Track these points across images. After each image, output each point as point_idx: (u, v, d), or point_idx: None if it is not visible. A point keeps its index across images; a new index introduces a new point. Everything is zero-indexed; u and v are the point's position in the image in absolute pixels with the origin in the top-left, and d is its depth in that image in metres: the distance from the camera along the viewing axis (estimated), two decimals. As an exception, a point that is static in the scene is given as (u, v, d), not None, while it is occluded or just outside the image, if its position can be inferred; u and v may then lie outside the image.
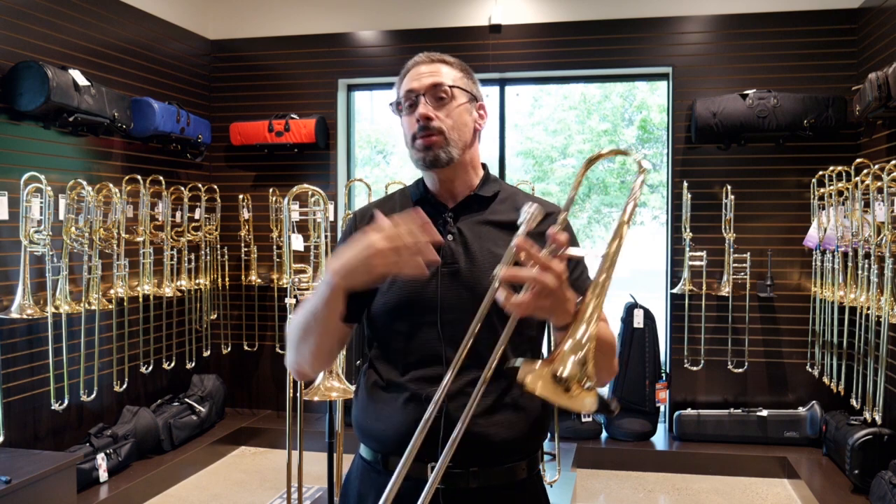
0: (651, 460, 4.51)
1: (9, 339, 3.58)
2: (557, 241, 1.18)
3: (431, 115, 1.42)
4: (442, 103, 1.44)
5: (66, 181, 3.81)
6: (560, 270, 1.15)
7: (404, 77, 1.49)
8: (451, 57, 1.50)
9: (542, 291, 1.14)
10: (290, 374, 1.48)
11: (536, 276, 1.14)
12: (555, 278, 1.14)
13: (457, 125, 1.44)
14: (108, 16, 4.32)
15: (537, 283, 1.14)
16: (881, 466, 3.50)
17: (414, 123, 1.43)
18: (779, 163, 4.67)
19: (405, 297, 1.41)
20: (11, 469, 3.13)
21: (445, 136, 1.42)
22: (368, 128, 7.39)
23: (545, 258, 1.15)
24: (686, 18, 4.77)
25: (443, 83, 1.44)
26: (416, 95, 1.43)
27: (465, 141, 1.46)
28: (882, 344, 3.53)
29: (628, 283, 5.70)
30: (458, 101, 1.45)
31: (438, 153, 1.42)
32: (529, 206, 1.25)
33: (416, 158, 1.45)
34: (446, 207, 1.48)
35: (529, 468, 1.44)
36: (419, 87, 1.44)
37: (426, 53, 1.49)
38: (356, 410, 1.50)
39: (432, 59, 1.47)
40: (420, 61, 1.47)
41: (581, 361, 1.09)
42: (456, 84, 1.45)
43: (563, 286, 1.16)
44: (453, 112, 1.44)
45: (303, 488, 3.22)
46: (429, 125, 1.42)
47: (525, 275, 1.14)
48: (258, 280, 5.17)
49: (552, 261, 1.15)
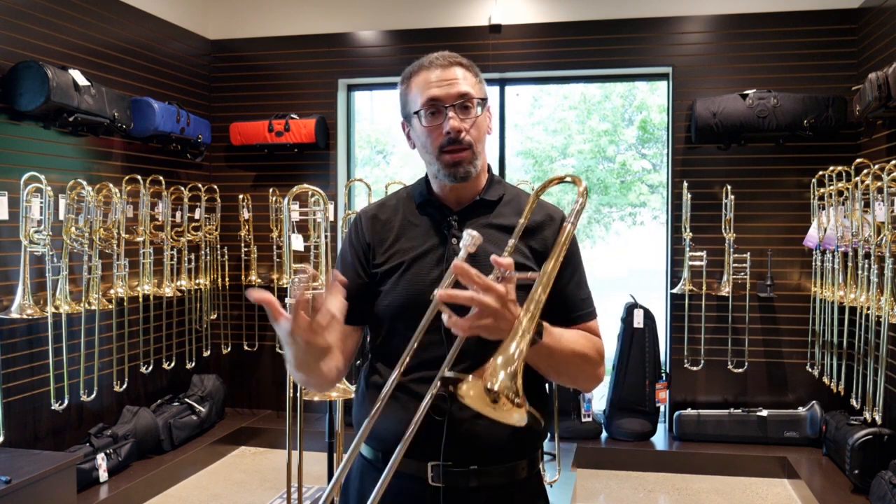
0: (651, 460, 4.51)
1: (9, 339, 3.57)
2: (501, 265, 1.19)
3: (463, 128, 1.40)
4: (467, 113, 1.41)
5: (66, 181, 3.81)
6: (502, 292, 1.16)
7: (414, 79, 1.44)
8: (463, 58, 1.47)
9: (483, 312, 1.16)
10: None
11: (474, 297, 1.15)
12: (495, 299, 1.15)
13: (481, 136, 1.44)
14: (108, 16, 4.32)
15: (475, 303, 1.15)
16: (881, 466, 3.50)
17: (440, 135, 1.40)
18: (779, 163, 4.67)
19: (409, 298, 1.41)
20: (11, 469, 3.13)
21: (473, 149, 1.42)
22: (368, 128, 7.39)
23: (484, 280, 1.16)
24: (686, 18, 4.77)
25: (470, 94, 1.41)
26: (444, 105, 1.40)
27: (485, 150, 1.46)
28: (882, 344, 3.53)
29: (628, 283, 5.70)
30: (480, 111, 1.43)
31: (469, 169, 1.41)
32: (469, 232, 1.24)
33: (444, 172, 1.42)
34: (451, 210, 1.47)
35: (529, 467, 1.45)
36: (445, 98, 1.40)
37: (442, 54, 1.44)
38: (357, 409, 1.50)
39: (450, 63, 1.43)
40: (438, 64, 1.43)
41: (511, 375, 1.11)
42: (477, 93, 1.43)
43: (506, 306, 1.17)
44: (478, 123, 1.43)
45: (303, 488, 3.22)
46: (459, 139, 1.40)
47: (461, 295, 1.16)
48: (258, 280, 5.17)
49: (493, 283, 1.16)
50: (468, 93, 1.41)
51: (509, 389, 1.10)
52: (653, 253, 5.60)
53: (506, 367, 1.11)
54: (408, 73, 1.47)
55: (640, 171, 8.23)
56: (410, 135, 1.49)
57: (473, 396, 1.12)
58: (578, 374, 1.40)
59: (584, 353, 1.38)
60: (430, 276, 1.41)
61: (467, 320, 1.17)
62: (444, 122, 1.40)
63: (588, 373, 1.41)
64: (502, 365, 1.12)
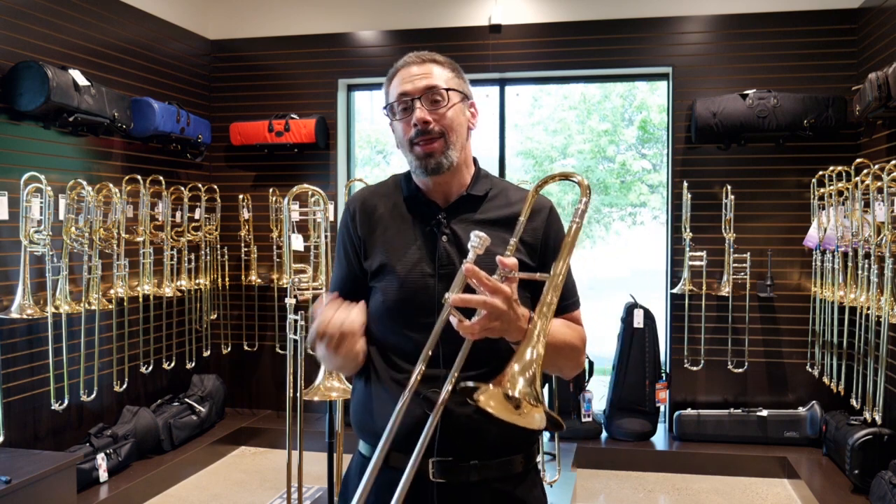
0: (651, 460, 4.51)
1: (9, 339, 3.57)
2: (506, 266, 1.23)
3: (430, 119, 1.41)
4: (438, 105, 1.43)
5: (66, 181, 3.81)
6: (508, 293, 1.20)
7: (393, 78, 1.47)
8: (441, 56, 1.49)
9: (492, 314, 1.20)
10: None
11: (486, 300, 1.19)
12: (503, 301, 1.20)
13: (454, 127, 1.44)
14: (108, 16, 4.32)
15: (486, 306, 1.19)
16: (881, 466, 3.49)
17: (410, 128, 1.42)
18: (779, 163, 4.67)
19: (402, 297, 1.42)
20: (11, 469, 3.13)
21: (446, 139, 1.42)
22: (368, 128, 7.38)
23: (493, 282, 1.20)
24: (686, 18, 4.77)
25: (437, 85, 1.43)
26: (411, 99, 1.42)
27: (461, 142, 1.46)
28: (882, 344, 3.53)
29: (628, 283, 5.70)
30: (453, 102, 1.44)
31: (441, 160, 1.42)
32: (477, 233, 1.26)
33: (416, 165, 1.44)
34: (439, 207, 1.48)
35: (526, 462, 1.46)
36: (413, 91, 1.42)
37: (416, 53, 1.47)
38: (355, 407, 1.51)
39: (423, 60, 1.46)
40: (411, 62, 1.46)
41: (530, 381, 1.15)
42: (450, 85, 1.44)
43: (512, 307, 1.21)
44: (449, 114, 1.43)
45: (303, 488, 3.22)
46: (428, 129, 1.41)
47: (475, 300, 1.20)
48: (258, 280, 5.17)
49: (501, 284, 1.20)
50: (436, 86, 1.43)
51: (529, 395, 1.14)
52: (653, 253, 5.60)
53: (524, 373, 1.15)
54: (389, 73, 1.50)
55: (640, 171, 8.23)
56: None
57: (495, 406, 1.17)
58: (565, 363, 1.45)
59: (572, 344, 1.43)
60: (422, 275, 1.42)
61: (477, 324, 1.20)
62: (412, 116, 1.42)
63: (574, 361, 1.46)
64: (520, 371, 1.15)
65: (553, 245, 1.46)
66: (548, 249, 1.46)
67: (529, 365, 1.16)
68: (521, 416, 1.18)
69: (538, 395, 1.14)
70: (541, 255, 1.46)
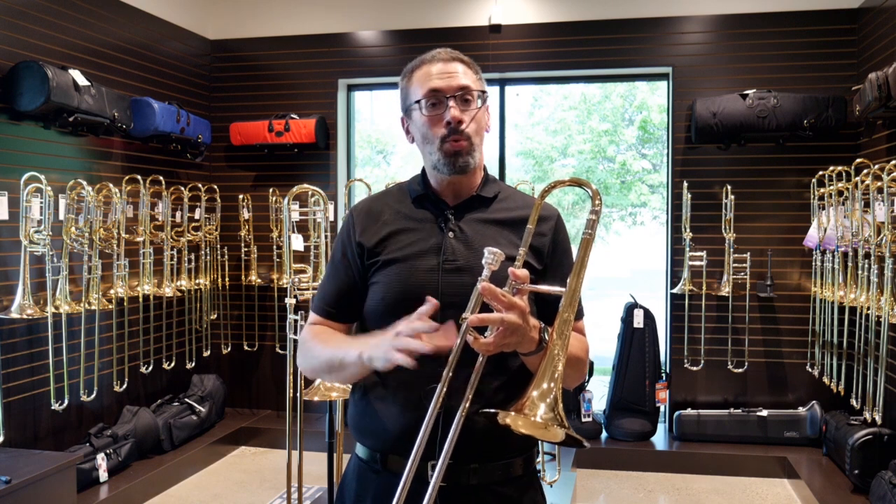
0: (651, 460, 4.51)
1: (9, 339, 3.57)
2: (518, 278, 1.23)
3: (465, 118, 1.42)
4: (467, 106, 1.44)
5: (66, 181, 3.81)
6: (524, 307, 1.21)
7: (416, 72, 1.47)
8: (465, 55, 1.49)
9: (508, 330, 1.20)
10: (302, 372, 1.58)
11: (504, 318, 1.20)
12: (518, 316, 1.20)
13: (479, 131, 1.46)
14: (108, 16, 4.32)
15: (504, 324, 1.20)
16: (881, 466, 3.50)
17: (439, 125, 1.42)
18: (779, 163, 4.67)
19: (405, 293, 1.40)
20: (11, 469, 3.13)
21: (471, 141, 1.43)
22: (368, 128, 7.38)
23: (509, 298, 1.20)
24: (686, 18, 4.77)
25: (471, 87, 1.44)
26: (445, 97, 1.42)
27: (482, 144, 1.48)
28: (882, 344, 3.53)
29: (628, 283, 5.70)
30: (480, 105, 1.45)
31: (468, 159, 1.43)
32: (490, 249, 1.26)
33: (442, 162, 1.43)
34: (447, 205, 1.48)
35: (525, 465, 1.46)
36: (447, 88, 1.43)
37: (443, 50, 1.47)
38: (353, 409, 1.50)
39: (451, 58, 1.46)
40: (440, 58, 1.46)
41: (551, 406, 1.18)
42: (478, 87, 1.46)
43: (526, 320, 1.22)
44: (477, 117, 1.45)
45: (303, 488, 3.22)
46: (459, 129, 1.42)
47: (492, 318, 1.20)
48: (258, 280, 5.17)
49: (516, 300, 1.21)
50: (468, 86, 1.44)
51: (553, 421, 1.18)
52: (653, 253, 5.60)
53: (544, 399, 1.19)
54: (409, 68, 1.49)
55: (640, 171, 8.24)
56: (410, 128, 1.51)
57: (523, 425, 1.21)
58: (570, 374, 1.43)
59: (578, 356, 1.43)
60: (426, 268, 1.41)
61: (492, 343, 1.21)
62: (444, 113, 1.42)
63: (580, 372, 1.46)
64: (540, 397, 1.19)
65: (559, 252, 1.48)
66: (554, 255, 1.48)
67: (549, 392, 1.19)
68: (546, 432, 1.20)
69: (562, 419, 1.17)
70: (547, 259, 1.47)
